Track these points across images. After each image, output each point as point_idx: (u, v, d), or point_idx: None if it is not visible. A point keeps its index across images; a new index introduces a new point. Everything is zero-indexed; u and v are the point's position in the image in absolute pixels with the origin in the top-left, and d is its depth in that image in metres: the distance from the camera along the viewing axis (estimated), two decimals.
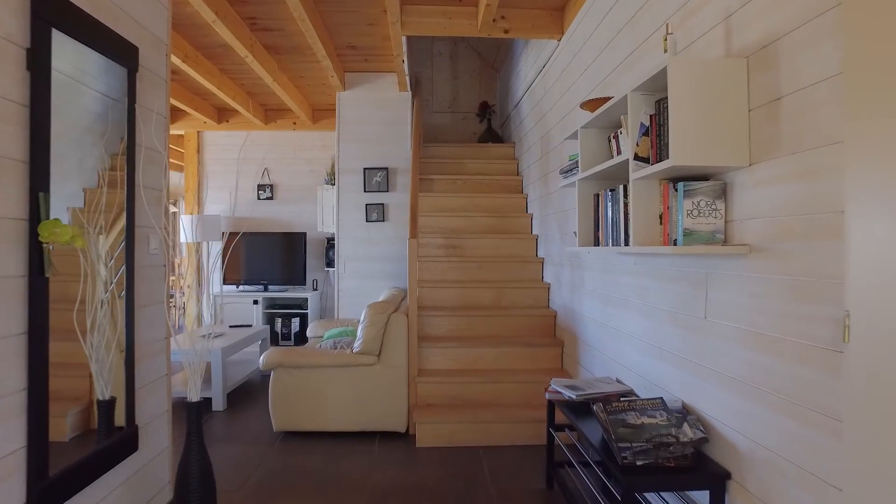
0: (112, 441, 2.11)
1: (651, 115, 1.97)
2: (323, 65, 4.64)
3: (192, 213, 6.46)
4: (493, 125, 6.66)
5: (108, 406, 2.18)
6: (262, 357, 3.58)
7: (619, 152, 2.39)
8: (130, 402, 2.18)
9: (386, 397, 3.52)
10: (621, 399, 2.09)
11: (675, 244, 1.86)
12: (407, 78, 5.02)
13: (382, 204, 5.30)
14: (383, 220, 5.31)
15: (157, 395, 2.42)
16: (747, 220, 1.71)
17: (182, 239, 6.13)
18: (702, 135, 1.67)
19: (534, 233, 4.84)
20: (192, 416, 2.23)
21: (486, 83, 6.90)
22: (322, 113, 6.58)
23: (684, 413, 1.98)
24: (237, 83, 5.73)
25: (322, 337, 4.67)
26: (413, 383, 3.61)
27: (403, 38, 4.10)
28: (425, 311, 4.06)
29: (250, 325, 5.21)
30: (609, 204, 2.41)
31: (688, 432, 1.86)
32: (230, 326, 5.16)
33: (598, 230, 2.55)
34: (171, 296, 8.02)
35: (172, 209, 8.69)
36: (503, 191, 5.40)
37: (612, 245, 2.35)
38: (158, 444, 2.43)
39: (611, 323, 2.92)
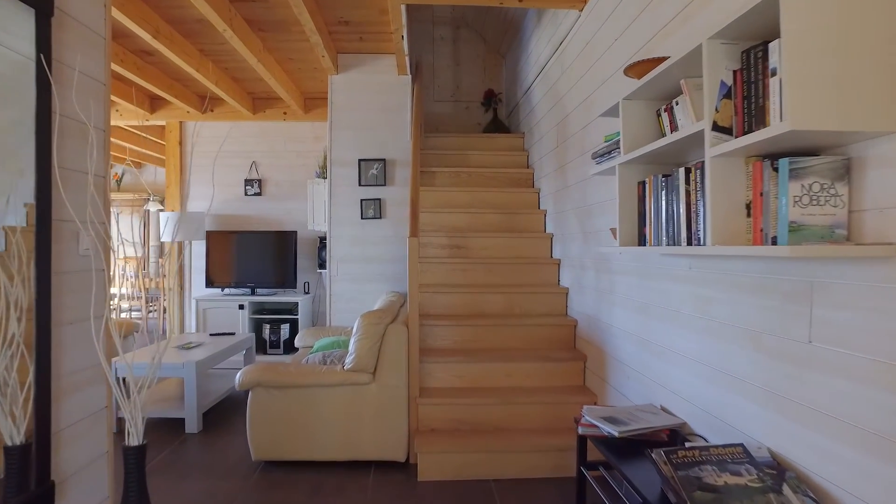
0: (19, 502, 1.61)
1: (736, 71, 1.47)
2: (312, 42, 4.13)
3: (173, 210, 5.95)
4: (499, 115, 6.16)
5: (20, 454, 1.67)
6: (238, 374, 3.07)
7: (673, 128, 1.90)
8: (43, 452, 1.67)
9: (382, 421, 3.02)
10: (688, 446, 1.60)
11: (773, 242, 1.37)
12: (407, 59, 4.52)
13: (379, 199, 4.80)
14: (380, 217, 4.81)
15: (90, 436, 1.91)
16: (891, 209, 1.21)
17: (164, 238, 5.62)
18: (833, 87, 1.17)
19: (548, 231, 4.35)
20: (129, 465, 1.73)
21: (491, 70, 6.39)
22: (314, 102, 6.08)
23: (779, 469, 1.48)
24: (220, 67, 5.23)
25: (312, 348, 4.17)
26: (414, 405, 3.11)
27: (403, 8, 3.60)
28: (427, 320, 3.56)
29: (233, 334, 4.71)
30: (661, 193, 1.92)
31: (793, 501, 1.36)
32: (211, 335, 4.66)
33: (645, 226, 2.05)
34: (153, 299, 7.53)
35: (157, 207, 8.19)
36: (512, 185, 4.91)
37: (670, 244, 1.85)
38: (91, 498, 1.92)
39: (653, 338, 2.43)
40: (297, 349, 5.35)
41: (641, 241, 2.10)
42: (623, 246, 2.15)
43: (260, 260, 5.77)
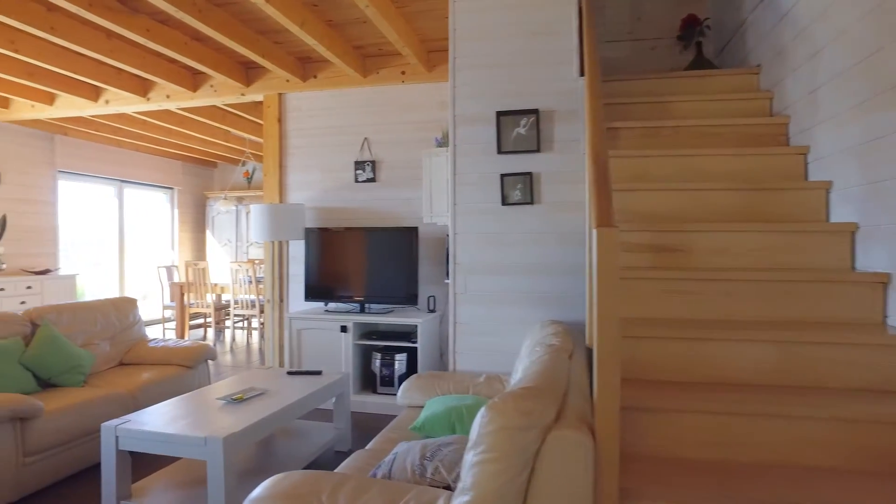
0: None
1: None
2: None
3: (272, 202, 4.79)
4: (704, 52, 4.15)
5: None
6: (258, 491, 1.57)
7: None
8: None
9: None
10: None
11: None
12: None
13: (529, 174, 3.11)
14: (530, 202, 3.11)
15: None
16: None
17: (255, 238, 4.45)
18: None
19: (837, 219, 2.36)
20: None
21: None
22: (440, 56, 4.55)
23: None
24: (323, 19, 3.92)
25: (421, 409, 2.61)
26: None
27: None
28: (632, 400, 1.79)
29: (319, 372, 3.30)
30: None
31: None
32: (288, 373, 3.31)
33: None
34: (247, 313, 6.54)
35: (227, 207, 7.25)
36: (750, 142, 2.94)
37: None
38: None
39: None
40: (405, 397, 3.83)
41: None
42: None
43: (370, 266, 4.38)
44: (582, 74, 3.08)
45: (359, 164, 4.72)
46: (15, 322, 3.33)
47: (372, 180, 4.70)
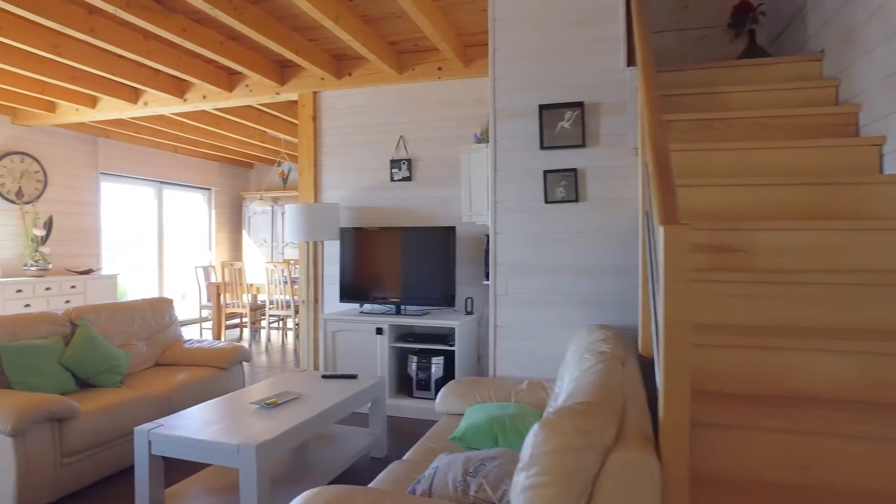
0: None
1: None
2: None
3: (307, 202, 4.74)
4: (757, 40, 3.91)
5: None
6: None
7: None
8: None
9: None
10: None
11: None
12: None
13: (574, 171, 2.95)
14: (575, 200, 2.95)
15: None
16: None
17: (289, 238, 4.41)
18: None
19: None
20: None
21: None
22: (476, 51, 4.42)
23: None
24: (357, 14, 3.84)
25: (461, 416, 2.49)
26: None
27: None
28: (701, 409, 1.63)
29: (355, 376, 3.21)
30: None
31: None
32: (323, 376, 3.23)
33: None
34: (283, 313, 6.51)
35: (262, 207, 7.24)
36: (814, 134, 2.73)
37: None
38: None
39: None
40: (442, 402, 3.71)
41: None
42: None
43: (406, 267, 4.28)
44: (630, 64, 2.91)
45: (394, 163, 4.63)
46: (55, 322, 3.35)
47: (408, 179, 4.60)
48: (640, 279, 2.16)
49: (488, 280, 4.02)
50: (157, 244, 8.25)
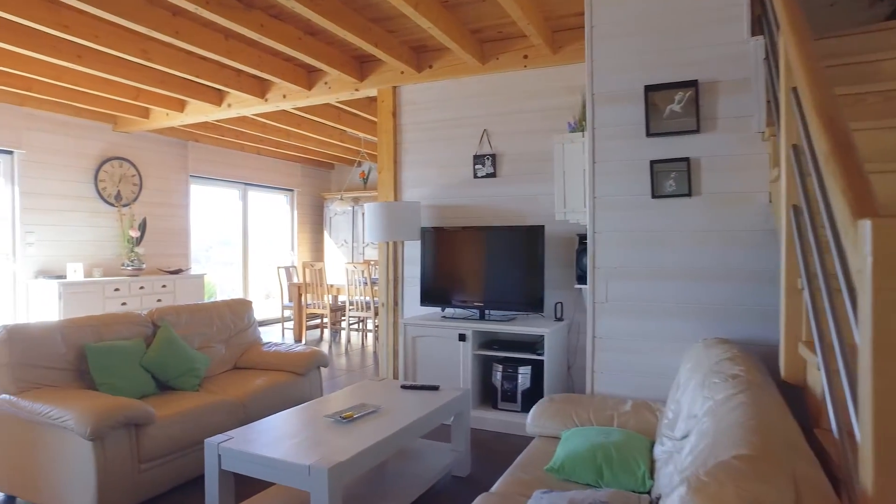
0: None
1: None
2: None
3: (386, 200, 4.57)
4: None
5: None
6: None
7: None
8: None
9: None
10: None
11: None
12: None
13: (685, 159, 2.56)
14: (687, 194, 2.56)
15: None
16: None
17: (369, 238, 4.25)
18: None
19: None
20: None
21: None
22: (566, 36, 4.07)
23: None
24: (438, 1, 3.62)
25: (555, 440, 2.18)
26: None
27: None
28: None
29: (436, 388, 2.97)
30: None
31: None
32: (402, 387, 3.00)
33: None
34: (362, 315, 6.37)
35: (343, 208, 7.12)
36: None
37: None
38: None
39: None
40: (533, 417, 3.37)
41: None
42: None
43: (491, 269, 4.00)
44: (755, 33, 2.49)
45: (478, 159, 4.36)
46: (138, 323, 3.33)
47: (492, 175, 4.32)
48: (783, 288, 1.77)
49: (580, 283, 3.67)
50: (242, 244, 8.44)
